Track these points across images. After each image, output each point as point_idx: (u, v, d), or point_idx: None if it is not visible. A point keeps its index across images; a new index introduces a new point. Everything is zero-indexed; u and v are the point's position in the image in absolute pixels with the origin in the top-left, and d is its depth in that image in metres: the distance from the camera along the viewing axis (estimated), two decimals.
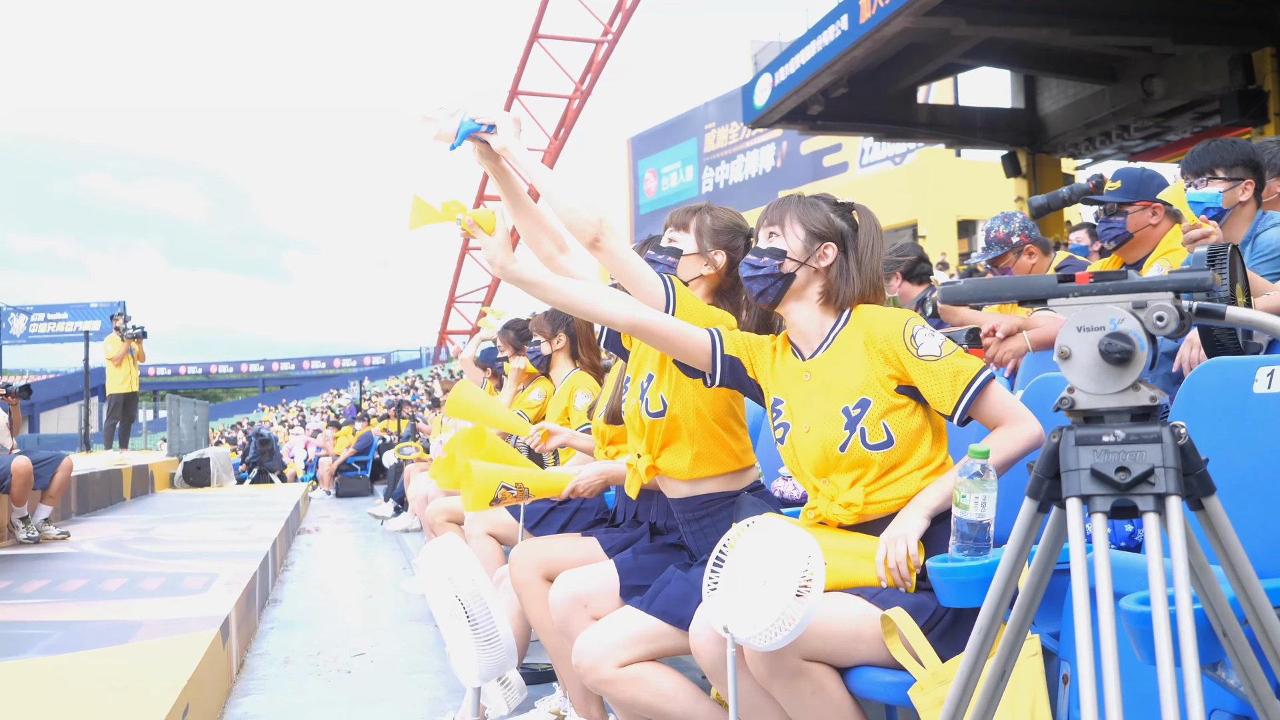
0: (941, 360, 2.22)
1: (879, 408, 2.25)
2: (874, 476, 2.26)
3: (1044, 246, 4.80)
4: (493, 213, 2.44)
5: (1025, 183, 17.35)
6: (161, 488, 13.12)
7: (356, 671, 4.42)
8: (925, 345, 2.24)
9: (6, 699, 3.20)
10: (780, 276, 2.37)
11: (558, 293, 2.47)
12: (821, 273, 2.38)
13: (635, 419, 2.80)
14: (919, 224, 26.89)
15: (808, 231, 2.38)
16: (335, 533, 10.62)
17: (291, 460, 22.60)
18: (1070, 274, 1.36)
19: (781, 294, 2.39)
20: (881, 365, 2.27)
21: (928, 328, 2.28)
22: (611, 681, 2.48)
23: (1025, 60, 15.85)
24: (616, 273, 2.61)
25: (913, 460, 2.27)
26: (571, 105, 33.11)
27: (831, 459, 2.29)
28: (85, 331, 17.79)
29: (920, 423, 2.28)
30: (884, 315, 2.32)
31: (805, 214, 2.40)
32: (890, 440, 2.25)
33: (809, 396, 2.36)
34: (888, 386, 2.26)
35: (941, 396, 2.21)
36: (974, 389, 2.19)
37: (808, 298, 2.40)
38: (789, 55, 15.29)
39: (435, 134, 2.49)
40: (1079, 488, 1.30)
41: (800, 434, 2.36)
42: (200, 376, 66.40)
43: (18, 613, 4.62)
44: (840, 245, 2.38)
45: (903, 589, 2.16)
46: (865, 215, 2.44)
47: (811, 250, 2.37)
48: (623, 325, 2.46)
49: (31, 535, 7.19)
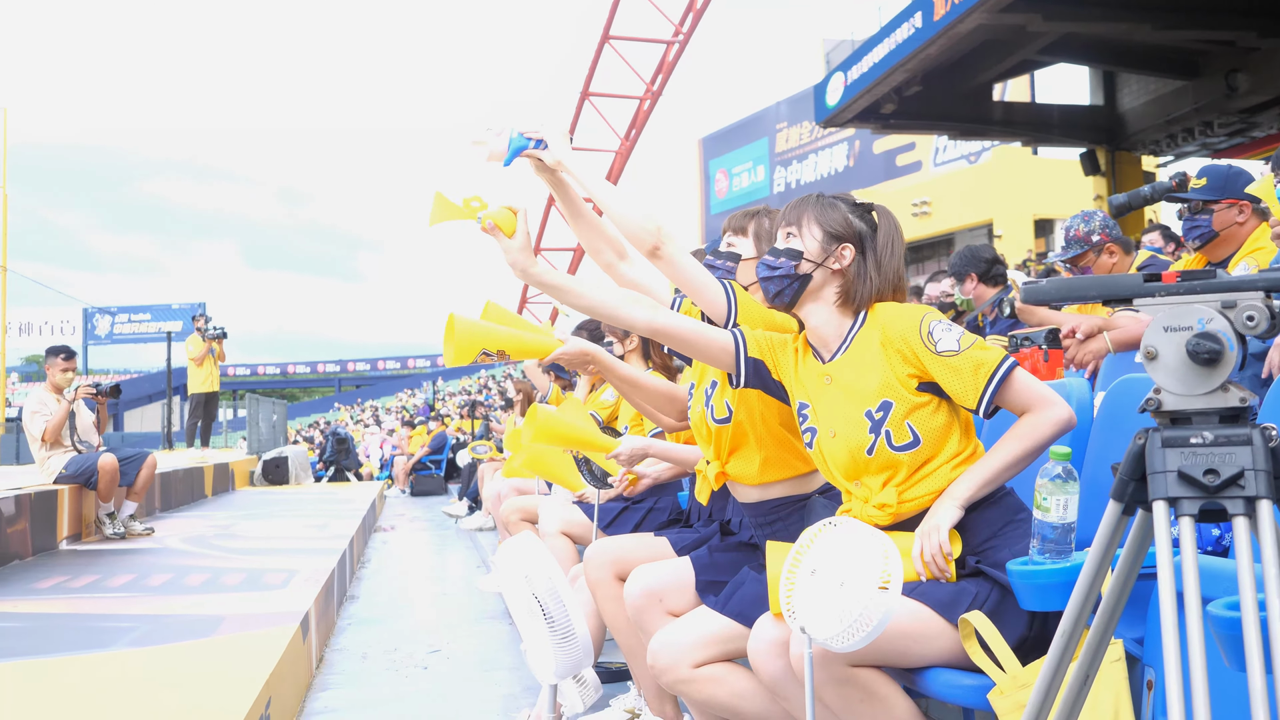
0: (961, 354, 2.18)
1: (901, 408, 2.24)
2: (904, 476, 2.26)
3: (1125, 245, 4.72)
4: (513, 213, 2.45)
5: (1104, 181, 17.05)
6: (241, 485, 13.37)
7: (432, 668, 4.47)
8: (943, 340, 2.21)
9: (96, 690, 3.28)
10: (796, 278, 2.35)
11: (579, 296, 2.49)
12: (838, 274, 2.35)
13: (702, 426, 2.79)
14: (994, 223, 26.54)
15: (825, 232, 2.35)
16: (410, 531, 10.74)
17: (367, 459, 22.88)
18: (1156, 273, 1.34)
19: (798, 295, 2.37)
20: (900, 365, 2.25)
21: (945, 322, 2.25)
22: (688, 681, 2.49)
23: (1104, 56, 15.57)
24: (677, 280, 2.62)
25: (942, 456, 2.25)
26: (642, 106, 33.11)
27: (860, 463, 2.29)
28: (167, 332, 18.14)
29: (945, 419, 2.25)
30: (900, 313, 2.29)
31: (823, 215, 2.37)
32: (916, 440, 2.23)
33: (832, 401, 2.35)
34: (908, 386, 2.24)
35: (964, 391, 2.18)
36: (997, 380, 2.16)
37: (824, 299, 2.37)
38: (862, 53, 15.16)
39: (487, 156, 2.51)
40: (1166, 490, 1.28)
41: (827, 439, 2.35)
42: (278, 376, 67.41)
43: (106, 606, 4.74)
44: (858, 246, 2.36)
45: (942, 580, 2.16)
46: (885, 216, 2.41)
47: (829, 251, 2.35)
48: (643, 329, 2.48)
49: (118, 531, 7.37)
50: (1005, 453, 2.18)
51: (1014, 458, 2.17)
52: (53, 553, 6.68)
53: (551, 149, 2.55)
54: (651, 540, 3.22)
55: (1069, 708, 1.48)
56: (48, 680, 3.41)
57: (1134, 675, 1.93)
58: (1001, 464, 2.18)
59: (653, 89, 32.46)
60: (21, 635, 4.13)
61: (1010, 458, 2.17)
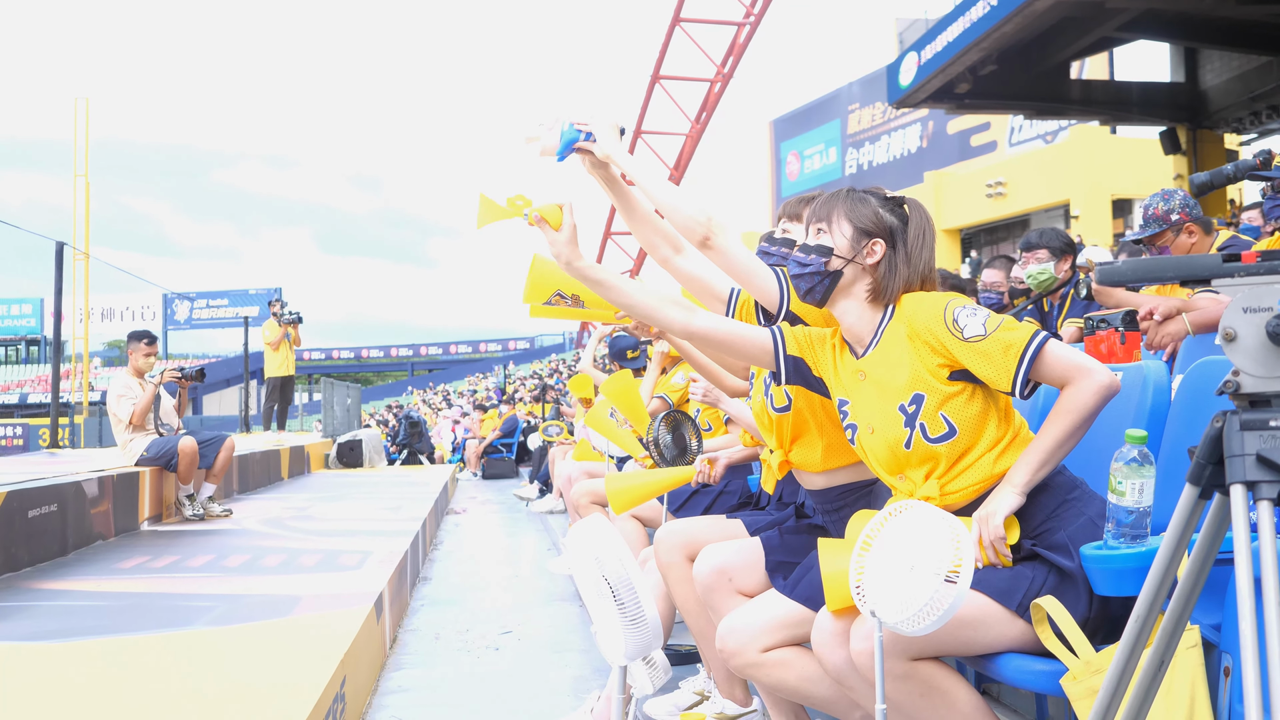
0: (989, 338, 2.15)
1: (934, 400, 2.21)
2: (944, 468, 2.24)
3: (1205, 225, 4.62)
4: (559, 207, 2.46)
5: (1185, 160, 16.69)
6: (317, 468, 13.57)
7: (504, 649, 4.52)
8: (969, 326, 2.17)
9: (177, 667, 3.36)
10: (827, 274, 2.34)
11: (620, 293, 2.52)
12: (869, 270, 2.33)
13: (763, 414, 2.79)
14: (1071, 204, 26.11)
15: (855, 228, 2.33)
16: (482, 513, 10.84)
17: (439, 442, 23.10)
18: (1236, 253, 1.31)
19: (829, 292, 2.36)
20: (929, 356, 2.22)
21: (969, 307, 2.21)
22: (757, 665, 2.49)
23: (1185, 32, 15.23)
24: (728, 269, 2.63)
25: (981, 444, 2.22)
26: (713, 89, 32.92)
27: (900, 457, 2.28)
28: (244, 317, 18.44)
29: (981, 406, 2.22)
30: (924, 303, 2.26)
31: (853, 210, 2.35)
32: (952, 430, 2.21)
33: (867, 397, 2.33)
34: (939, 376, 2.22)
35: (996, 375, 2.15)
36: (1028, 359, 2.12)
37: (855, 295, 2.36)
38: (936, 33, 14.97)
39: (540, 151, 2.53)
40: (1244, 474, 1.26)
41: (866, 435, 2.34)
42: (352, 360, 68.35)
43: (186, 586, 4.84)
44: (889, 241, 2.33)
45: (999, 566, 2.15)
46: (916, 209, 2.38)
47: (859, 247, 2.33)
48: (679, 332, 2.49)
49: (197, 512, 7.53)
50: (1054, 431, 2.13)
51: (1064, 433, 2.13)
52: (134, 533, 6.84)
53: (600, 142, 2.57)
54: (724, 522, 3.22)
55: (1143, 693, 1.46)
56: (130, 657, 3.50)
57: (1210, 662, 1.90)
58: (1053, 442, 2.13)
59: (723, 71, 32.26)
60: (105, 614, 4.24)
61: (1060, 434, 2.13)
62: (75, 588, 4.84)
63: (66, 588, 4.85)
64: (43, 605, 4.43)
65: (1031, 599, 2.09)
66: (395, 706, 3.69)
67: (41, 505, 5.55)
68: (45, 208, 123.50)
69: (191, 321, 51.21)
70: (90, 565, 5.51)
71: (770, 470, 2.80)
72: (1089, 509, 2.17)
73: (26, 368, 56.26)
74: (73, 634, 3.84)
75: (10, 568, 5.16)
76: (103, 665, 3.41)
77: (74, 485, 6.00)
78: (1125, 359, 3.42)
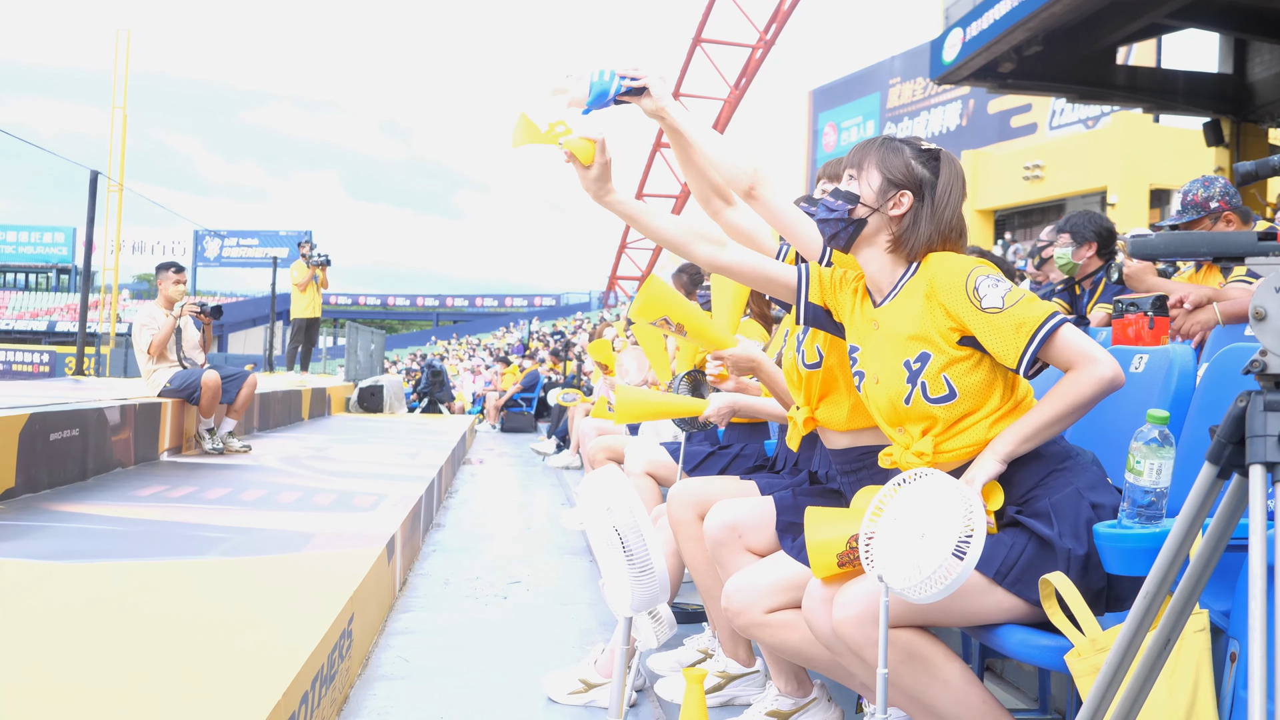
0: (1004, 312, 2.12)
1: (939, 361, 2.20)
2: (941, 428, 2.23)
3: (1244, 215, 4.56)
4: (593, 144, 2.46)
5: (1227, 153, 16.47)
6: (337, 411, 13.64)
7: (512, 598, 4.54)
8: (988, 297, 2.14)
9: (191, 593, 3.40)
10: (851, 222, 2.32)
11: (649, 226, 2.56)
12: (893, 220, 2.31)
13: (792, 371, 2.78)
14: (1108, 191, 25.84)
15: (884, 178, 2.30)
16: (498, 465, 10.89)
17: (460, 393, 23.18)
18: (1271, 231, 1.29)
19: (852, 239, 2.34)
20: (942, 318, 2.20)
21: (993, 276, 2.18)
22: (761, 626, 2.50)
23: (1238, 22, 15.00)
24: (772, 220, 2.64)
25: (982, 411, 2.21)
26: (754, 55, 32.70)
27: (900, 411, 2.27)
28: (274, 257, 18.48)
29: (986, 375, 2.20)
30: (948, 265, 2.23)
31: (884, 160, 2.32)
32: (952, 394, 2.19)
33: (877, 347, 2.33)
34: (948, 339, 2.20)
35: (1004, 350, 2.12)
36: (1038, 340, 2.09)
37: (878, 244, 2.34)
38: (982, 10, 14.77)
39: (568, 103, 2.53)
40: (1264, 454, 1.24)
41: (871, 385, 2.34)
42: (378, 308, 68.55)
43: (202, 516, 4.88)
44: (917, 193, 2.30)
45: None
46: (948, 162, 2.34)
47: (885, 198, 2.30)
48: (705, 264, 2.52)
49: (216, 446, 7.59)
50: (1046, 410, 2.13)
51: (1055, 415, 2.12)
52: (154, 463, 6.91)
53: (652, 94, 2.58)
54: (738, 483, 3.22)
55: (1146, 672, 1.46)
56: (143, 581, 3.54)
57: (1218, 648, 1.89)
58: (1042, 421, 2.12)
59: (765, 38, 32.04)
60: (121, 538, 4.28)
61: (1052, 415, 2.12)
62: (93, 511, 4.89)
63: (84, 511, 4.90)
64: (59, 526, 4.48)
65: (1010, 567, 2.09)
66: (401, 647, 3.72)
67: (63, 429, 5.60)
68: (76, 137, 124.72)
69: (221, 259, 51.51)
70: (108, 491, 5.57)
71: (796, 427, 2.79)
72: (1078, 480, 2.16)
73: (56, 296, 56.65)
74: (87, 555, 3.89)
75: (30, 489, 5.22)
76: (116, 587, 3.45)
77: (96, 411, 6.05)
78: (1153, 343, 3.39)
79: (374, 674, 3.42)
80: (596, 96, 2.53)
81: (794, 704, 2.85)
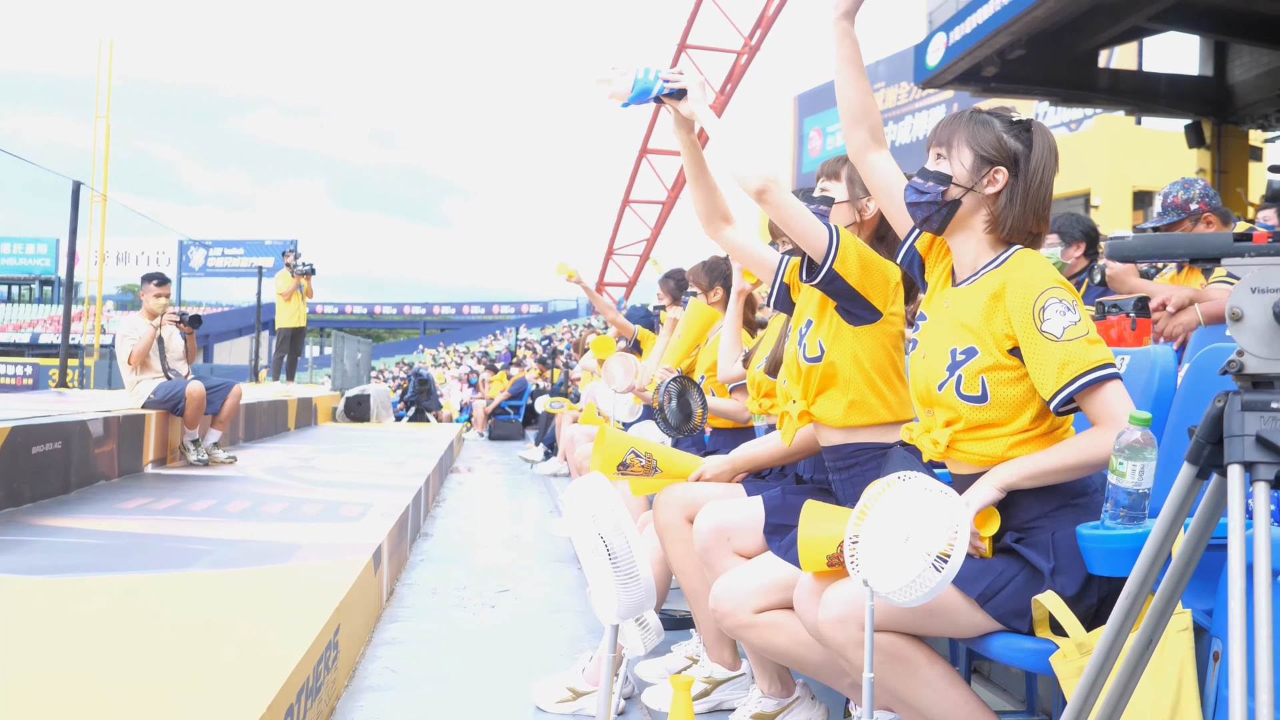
0: (1058, 343, 2.03)
1: (982, 361, 2.14)
2: (964, 426, 2.18)
3: (1224, 217, 4.58)
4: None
5: (1208, 154, 16.56)
6: (324, 420, 13.61)
7: (500, 607, 4.53)
8: (1051, 321, 2.05)
9: (175, 607, 3.38)
10: (945, 204, 2.23)
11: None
12: (989, 199, 2.22)
13: (793, 364, 2.79)
14: (1091, 193, 25.94)
15: (976, 155, 2.21)
16: (486, 473, 10.87)
17: (447, 401, 23.14)
18: (1248, 233, 1.30)
19: (946, 221, 2.26)
20: (1001, 322, 2.13)
21: (1066, 302, 2.07)
22: (749, 626, 2.50)
23: (1217, 25, 15.08)
24: (781, 221, 2.61)
25: (1009, 426, 2.14)
26: (740, 60, 32.75)
27: (932, 393, 2.23)
28: (259, 267, 18.43)
29: (1023, 393, 2.12)
30: (1029, 270, 2.15)
31: (975, 136, 2.22)
32: (984, 397, 2.13)
33: (939, 324, 2.28)
34: (1000, 345, 2.13)
35: (1043, 380, 2.06)
36: (1079, 384, 2.01)
37: (973, 226, 2.25)
38: (966, 14, 14.80)
39: (609, 94, 2.61)
40: (1242, 454, 1.25)
41: (918, 359, 2.30)
42: (365, 316, 68.41)
43: (187, 528, 4.86)
44: (1011, 169, 2.21)
45: (975, 556, 2.13)
46: (1040, 134, 2.24)
47: (979, 176, 2.21)
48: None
49: (201, 457, 7.56)
50: (1059, 456, 2.07)
51: (1066, 465, 2.06)
52: (138, 475, 6.87)
53: (689, 100, 2.65)
54: (726, 486, 3.22)
55: (1129, 672, 1.46)
56: (129, 595, 3.52)
57: (1200, 647, 1.90)
58: (1052, 466, 2.07)
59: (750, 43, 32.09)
60: (104, 552, 4.26)
61: (1062, 463, 2.06)
62: (76, 525, 4.87)
63: (67, 524, 4.87)
64: (43, 541, 4.45)
65: (994, 592, 2.07)
66: (388, 658, 3.71)
67: (46, 442, 5.57)
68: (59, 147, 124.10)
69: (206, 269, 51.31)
70: (92, 504, 5.54)
71: (791, 421, 2.79)
72: (1088, 519, 2.08)
73: (39, 307, 56.30)
74: (71, 570, 3.87)
75: (12, 503, 5.19)
76: (99, 601, 3.43)
77: (79, 424, 6.03)
78: (1134, 344, 3.40)
79: (361, 685, 3.41)
80: (639, 93, 2.62)
81: (778, 704, 2.86)
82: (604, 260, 43.18)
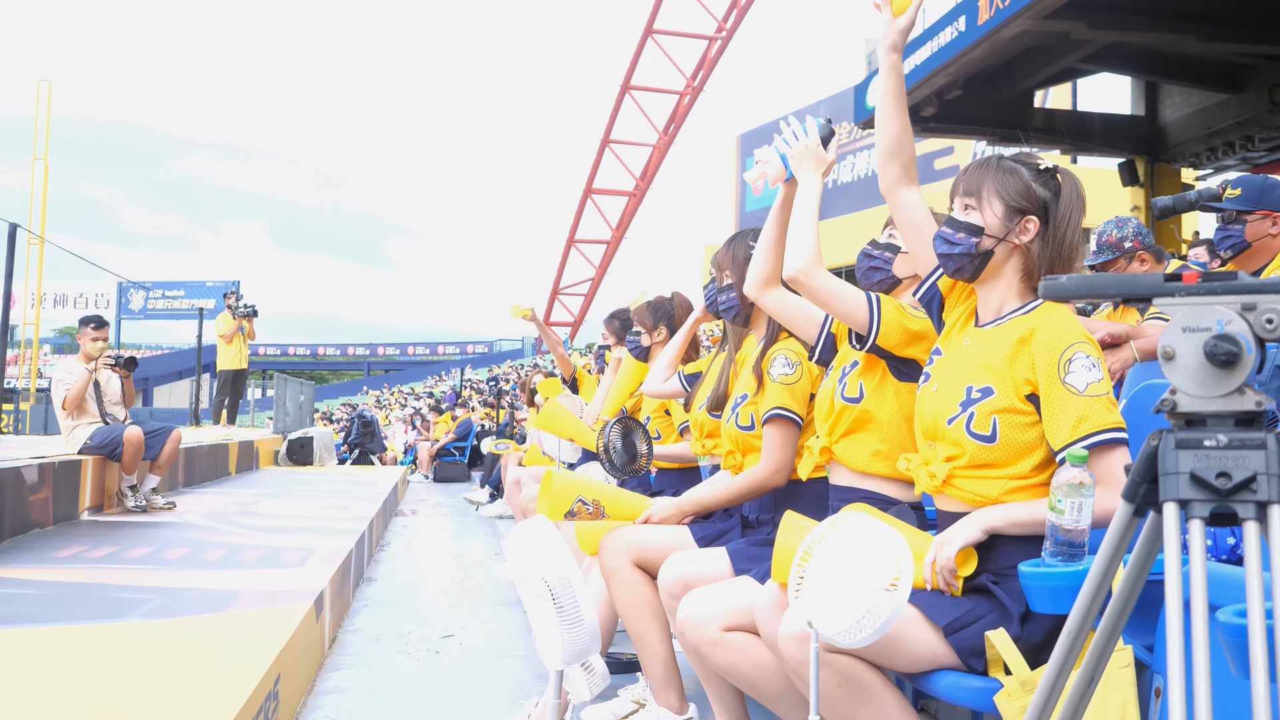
0: (1078, 397, 2.04)
1: (997, 402, 2.14)
2: (965, 463, 2.19)
3: (1157, 254, 4.67)
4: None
5: (1142, 192, 16.87)
6: (266, 464, 13.43)
7: (445, 652, 4.48)
8: (1075, 374, 2.06)
9: (108, 659, 3.30)
10: (978, 255, 2.24)
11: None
12: (1021, 248, 2.23)
13: (825, 400, 2.79)
14: None
15: (1006, 206, 2.22)
16: (431, 516, 10.77)
17: (392, 443, 22.95)
18: (1178, 273, 1.32)
19: (979, 271, 2.26)
20: (1025, 367, 2.14)
21: (1092, 359, 2.08)
22: (714, 644, 2.48)
23: (1148, 66, 15.40)
24: (816, 299, 2.67)
25: (1011, 470, 2.15)
26: (682, 101, 33.02)
27: (939, 427, 2.24)
28: (200, 309, 18.22)
29: (1031, 439, 2.13)
30: (1059, 323, 2.14)
31: (1004, 185, 2.23)
32: (993, 437, 2.14)
33: (957, 361, 2.28)
34: (1019, 389, 2.14)
35: (1055, 430, 2.07)
36: (1090, 442, 2.01)
37: (1005, 276, 2.26)
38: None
39: (773, 180, 2.87)
40: (1177, 492, 1.26)
41: (929, 391, 2.31)
42: (308, 358, 67.85)
43: (122, 577, 4.77)
44: (1042, 217, 2.22)
45: (947, 593, 2.13)
46: (1068, 180, 2.26)
47: (1011, 225, 2.22)
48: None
49: (139, 504, 7.43)
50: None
51: None
52: (74, 523, 6.74)
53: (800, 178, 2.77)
54: (670, 529, 3.21)
55: (1071, 709, 1.46)
56: (61, 647, 3.44)
57: (1142, 683, 1.91)
58: (1043, 516, 2.04)
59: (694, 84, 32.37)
60: (38, 602, 4.17)
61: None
62: (8, 575, 4.75)
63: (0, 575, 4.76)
64: None
65: (962, 626, 2.08)
66: (331, 707, 3.65)
67: None
68: None
69: (146, 311, 50.71)
70: (25, 553, 5.42)
71: (811, 455, 2.79)
72: None
73: None
74: (1, 621, 3.77)
75: None
76: (33, 655, 3.35)
77: (12, 471, 5.90)
78: None
79: None
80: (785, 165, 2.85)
81: None
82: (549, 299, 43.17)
